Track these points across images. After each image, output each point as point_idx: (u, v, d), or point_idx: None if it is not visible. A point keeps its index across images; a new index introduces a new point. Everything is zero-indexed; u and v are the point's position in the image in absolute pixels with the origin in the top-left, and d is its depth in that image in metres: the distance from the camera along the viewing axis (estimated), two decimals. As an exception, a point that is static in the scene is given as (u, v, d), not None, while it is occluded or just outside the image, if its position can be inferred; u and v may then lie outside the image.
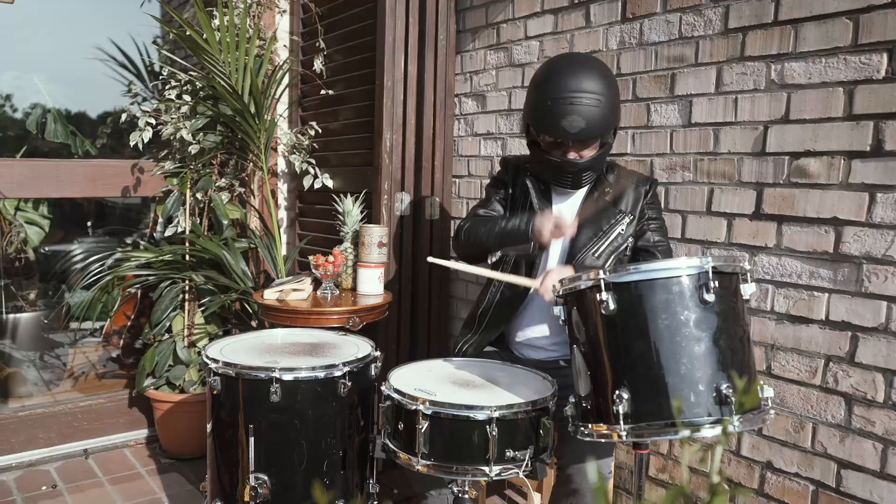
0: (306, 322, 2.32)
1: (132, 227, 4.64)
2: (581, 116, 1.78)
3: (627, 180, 2.00)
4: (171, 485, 2.77)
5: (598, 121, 1.80)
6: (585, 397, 1.51)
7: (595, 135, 1.84)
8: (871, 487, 1.77)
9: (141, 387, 2.94)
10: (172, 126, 2.93)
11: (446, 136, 2.93)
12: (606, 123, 1.83)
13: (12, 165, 2.93)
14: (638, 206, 1.98)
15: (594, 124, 1.80)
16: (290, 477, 1.90)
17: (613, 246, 1.96)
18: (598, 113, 1.79)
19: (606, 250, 1.95)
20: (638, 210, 1.98)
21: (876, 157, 1.72)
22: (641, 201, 1.98)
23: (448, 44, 2.87)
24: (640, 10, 2.24)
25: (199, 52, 2.68)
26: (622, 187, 1.99)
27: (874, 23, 1.71)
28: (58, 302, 4.17)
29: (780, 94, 1.90)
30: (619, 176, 2.02)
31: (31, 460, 2.94)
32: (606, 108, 1.81)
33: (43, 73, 4.13)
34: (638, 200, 1.98)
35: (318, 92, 3.18)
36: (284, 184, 3.52)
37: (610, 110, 1.83)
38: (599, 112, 1.79)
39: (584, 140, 1.84)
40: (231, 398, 1.93)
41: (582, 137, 1.82)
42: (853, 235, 1.77)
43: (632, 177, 2.03)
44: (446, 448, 1.65)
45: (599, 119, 1.80)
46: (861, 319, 1.77)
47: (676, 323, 1.39)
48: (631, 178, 2.02)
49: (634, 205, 1.98)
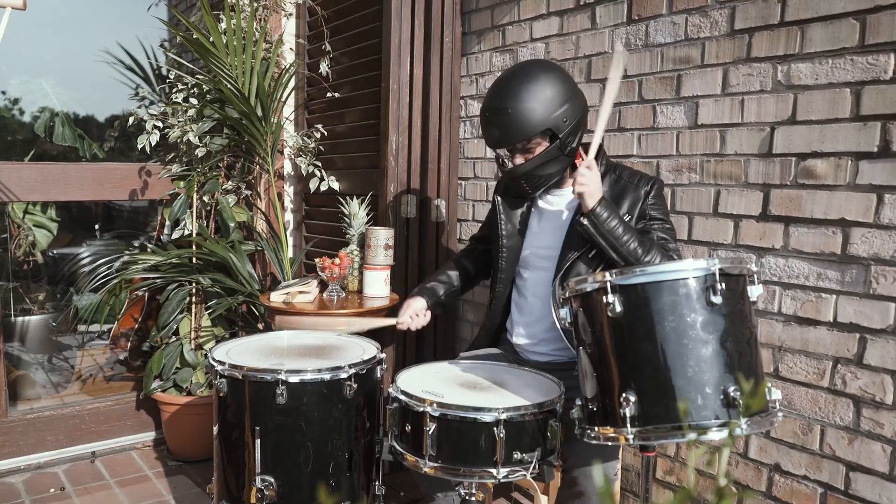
0: (313, 324, 2.32)
1: (139, 230, 4.65)
2: (496, 127, 1.87)
3: (628, 181, 1.97)
4: (178, 487, 2.77)
5: (513, 126, 1.84)
6: (592, 399, 1.51)
7: (513, 140, 1.86)
8: (879, 490, 1.76)
9: (148, 389, 2.95)
10: (179, 129, 2.94)
11: (452, 138, 2.93)
12: (530, 126, 1.84)
13: (20, 169, 2.94)
14: (637, 207, 1.93)
15: (509, 131, 1.85)
16: (296, 479, 1.90)
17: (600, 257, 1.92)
18: (511, 121, 1.83)
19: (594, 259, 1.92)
20: (637, 211, 1.93)
21: (883, 158, 1.71)
22: (642, 202, 1.93)
23: (454, 46, 2.88)
24: (645, 11, 2.23)
25: (206, 55, 2.69)
26: (621, 189, 1.96)
27: (881, 23, 1.70)
28: (66, 305, 4.19)
29: (786, 95, 1.90)
30: (619, 177, 1.99)
31: (40, 462, 2.95)
32: (526, 112, 1.83)
33: (51, 76, 4.15)
34: (637, 201, 1.93)
35: (324, 95, 3.19)
36: (291, 186, 3.53)
37: (534, 111, 1.83)
38: (512, 120, 1.83)
39: (507, 144, 1.88)
40: (237, 400, 1.93)
41: (502, 144, 1.89)
42: (861, 237, 1.76)
43: (634, 177, 1.98)
44: (454, 450, 1.65)
45: (515, 124, 1.83)
46: (869, 321, 1.76)
47: (683, 325, 1.39)
48: (633, 178, 1.97)
49: (633, 206, 1.93)
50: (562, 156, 1.90)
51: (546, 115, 1.83)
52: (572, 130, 1.88)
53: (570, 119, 1.86)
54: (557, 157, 1.90)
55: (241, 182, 3.16)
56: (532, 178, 1.92)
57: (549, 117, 1.83)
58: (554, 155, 1.89)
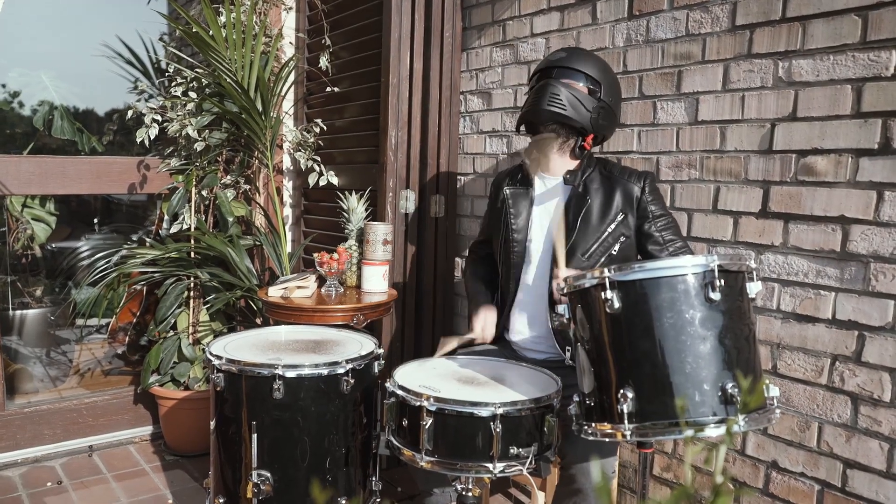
0: (311, 319, 2.32)
1: (138, 224, 4.64)
2: (564, 52, 2.02)
3: (619, 176, 1.97)
4: (175, 481, 2.77)
5: (579, 58, 1.98)
6: (589, 395, 1.50)
7: (573, 64, 1.96)
8: (877, 487, 1.75)
9: (146, 383, 2.95)
10: (178, 123, 2.93)
11: (452, 133, 2.92)
12: (590, 67, 1.97)
13: (19, 162, 2.94)
14: (632, 202, 1.94)
15: (574, 59, 1.98)
16: (292, 474, 1.90)
17: (604, 246, 1.94)
18: (582, 56, 1.99)
19: (597, 250, 1.93)
20: (635, 207, 1.94)
21: (884, 155, 1.70)
22: (636, 198, 1.94)
23: (454, 41, 2.87)
24: (646, 7, 2.22)
25: (206, 48, 2.68)
26: (612, 184, 1.96)
27: (883, 20, 1.69)
28: (64, 299, 4.18)
29: (787, 92, 1.89)
30: (610, 172, 1.99)
31: (37, 456, 2.95)
32: (595, 61, 1.99)
33: (50, 70, 4.13)
34: (631, 196, 1.94)
35: (323, 89, 3.18)
36: (290, 181, 3.52)
37: (599, 65, 1.99)
38: (583, 56, 2.00)
39: (565, 66, 1.96)
40: (234, 395, 1.93)
41: (562, 63, 1.97)
42: (860, 234, 1.76)
43: (624, 173, 1.98)
44: (450, 445, 1.65)
45: (582, 59, 1.98)
46: (868, 318, 1.75)
47: (682, 321, 1.39)
48: (623, 174, 1.98)
49: (627, 202, 1.94)
50: (587, 112, 1.93)
51: (604, 77, 1.98)
52: (605, 110, 1.97)
53: (611, 104, 1.99)
54: (583, 107, 1.93)
55: (239, 176, 3.15)
56: (558, 95, 1.92)
57: (605, 80, 1.98)
58: (584, 101, 1.93)
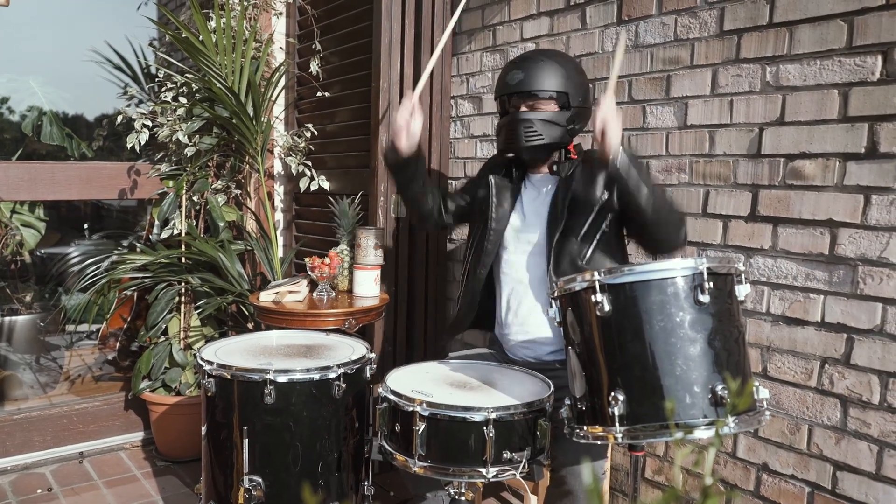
0: (302, 324, 2.32)
1: (128, 230, 4.62)
2: (521, 70, 1.94)
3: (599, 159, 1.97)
4: (166, 487, 2.76)
5: (538, 75, 1.92)
6: (581, 398, 1.51)
7: (534, 87, 1.91)
8: (866, 489, 1.76)
9: (137, 389, 2.93)
10: (169, 128, 2.92)
11: (443, 137, 2.93)
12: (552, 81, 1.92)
13: (7, 168, 2.92)
14: None
15: (533, 78, 1.92)
16: (284, 479, 1.90)
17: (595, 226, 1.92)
18: (539, 70, 1.92)
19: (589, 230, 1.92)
20: None
21: (871, 159, 1.72)
22: None
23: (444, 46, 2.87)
24: (635, 12, 2.24)
25: (196, 54, 2.68)
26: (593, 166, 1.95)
27: (868, 25, 1.71)
28: (54, 305, 4.16)
29: (775, 96, 1.90)
30: (590, 155, 2.00)
31: (27, 463, 2.93)
32: (553, 69, 1.93)
33: (39, 75, 4.12)
34: None
35: (314, 94, 3.18)
36: (281, 186, 3.52)
37: (559, 72, 1.93)
38: (540, 69, 1.92)
39: (527, 91, 1.92)
40: (226, 400, 1.92)
41: (522, 88, 1.92)
42: (848, 237, 1.77)
43: None
44: (443, 450, 1.65)
45: (541, 74, 1.92)
46: (856, 321, 1.77)
47: (671, 324, 1.39)
48: None
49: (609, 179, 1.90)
50: (563, 128, 1.93)
51: (568, 83, 1.94)
52: (579, 113, 1.97)
53: (583, 103, 1.97)
54: (558, 126, 1.93)
55: (230, 181, 3.14)
56: (531, 127, 1.93)
57: (569, 86, 1.94)
58: (558, 120, 1.93)
